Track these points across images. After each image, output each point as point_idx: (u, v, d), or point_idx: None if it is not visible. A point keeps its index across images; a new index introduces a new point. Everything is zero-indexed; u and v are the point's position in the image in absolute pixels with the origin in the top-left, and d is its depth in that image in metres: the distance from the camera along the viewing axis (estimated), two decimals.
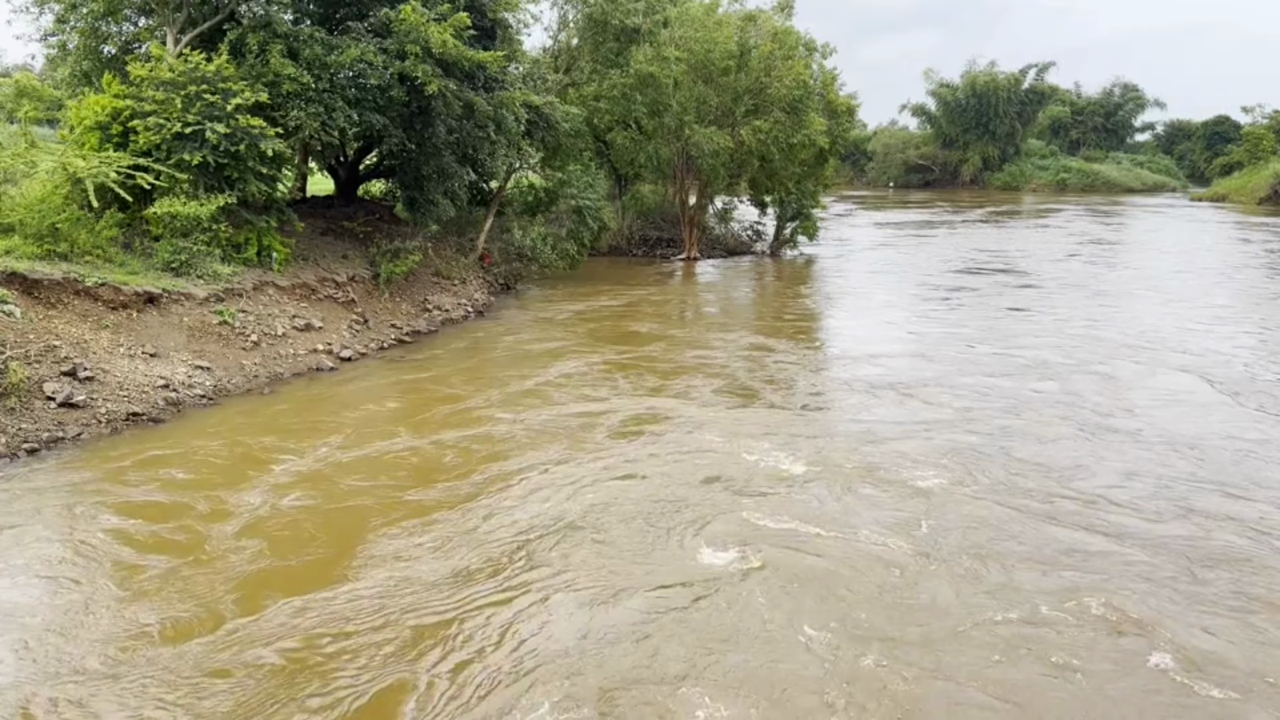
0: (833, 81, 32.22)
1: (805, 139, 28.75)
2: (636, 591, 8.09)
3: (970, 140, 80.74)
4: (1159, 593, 8.10)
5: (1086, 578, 8.32)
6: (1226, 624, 7.62)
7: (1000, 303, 23.43)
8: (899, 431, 12.71)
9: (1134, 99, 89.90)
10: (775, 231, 34.07)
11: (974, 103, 79.68)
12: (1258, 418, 13.26)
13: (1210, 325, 20.35)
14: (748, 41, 29.18)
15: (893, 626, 7.52)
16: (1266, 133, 70.78)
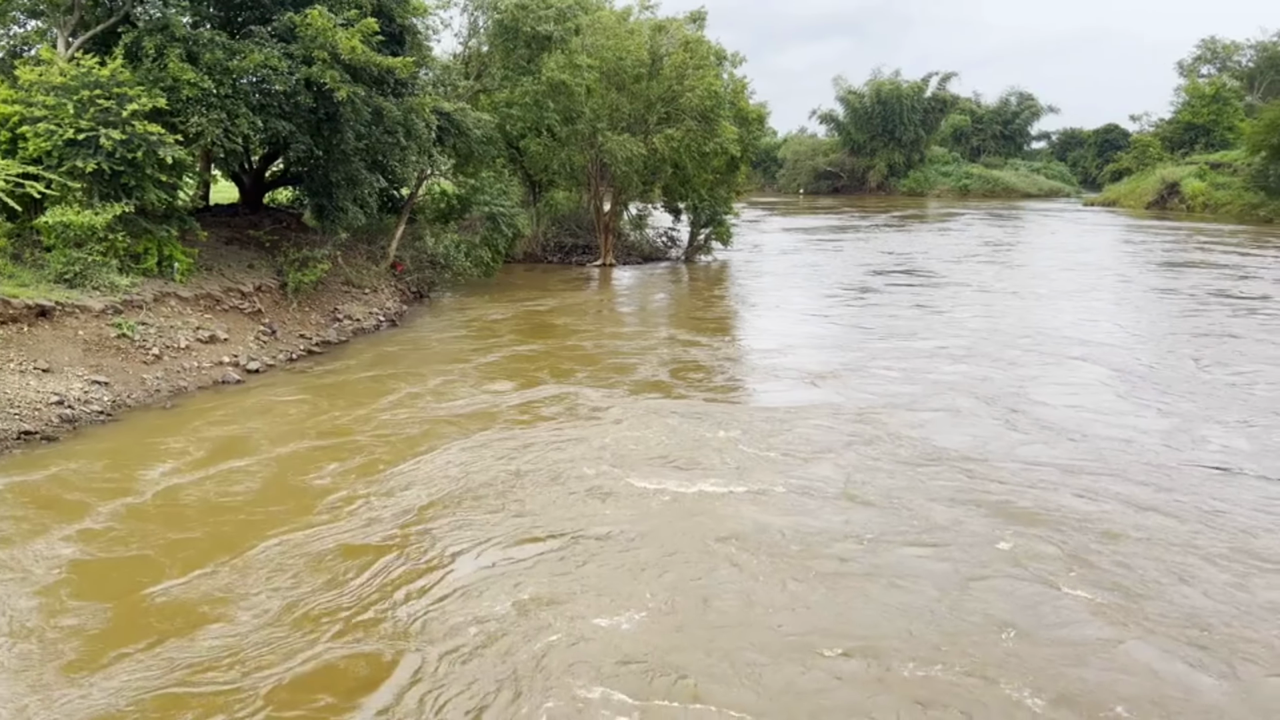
0: (743, 90, 32.69)
1: (717, 146, 29.07)
2: (559, 535, 8.27)
3: (877, 147, 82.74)
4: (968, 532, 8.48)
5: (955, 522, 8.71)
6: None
7: (905, 301, 24.21)
8: (810, 411, 13.63)
9: (1030, 107, 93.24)
10: (690, 237, 34.36)
11: (880, 110, 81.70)
12: (1136, 398, 14.28)
13: (1096, 319, 21.65)
14: (660, 50, 29.40)
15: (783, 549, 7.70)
16: (1153, 140, 74.14)
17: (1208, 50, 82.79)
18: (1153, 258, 34.92)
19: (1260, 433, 12.62)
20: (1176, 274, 30.06)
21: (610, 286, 28.14)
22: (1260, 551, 8.83)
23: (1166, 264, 32.86)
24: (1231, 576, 8.33)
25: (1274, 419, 13.28)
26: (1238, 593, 8.05)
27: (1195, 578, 8.34)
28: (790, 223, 52.83)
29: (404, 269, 23.19)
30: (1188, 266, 31.80)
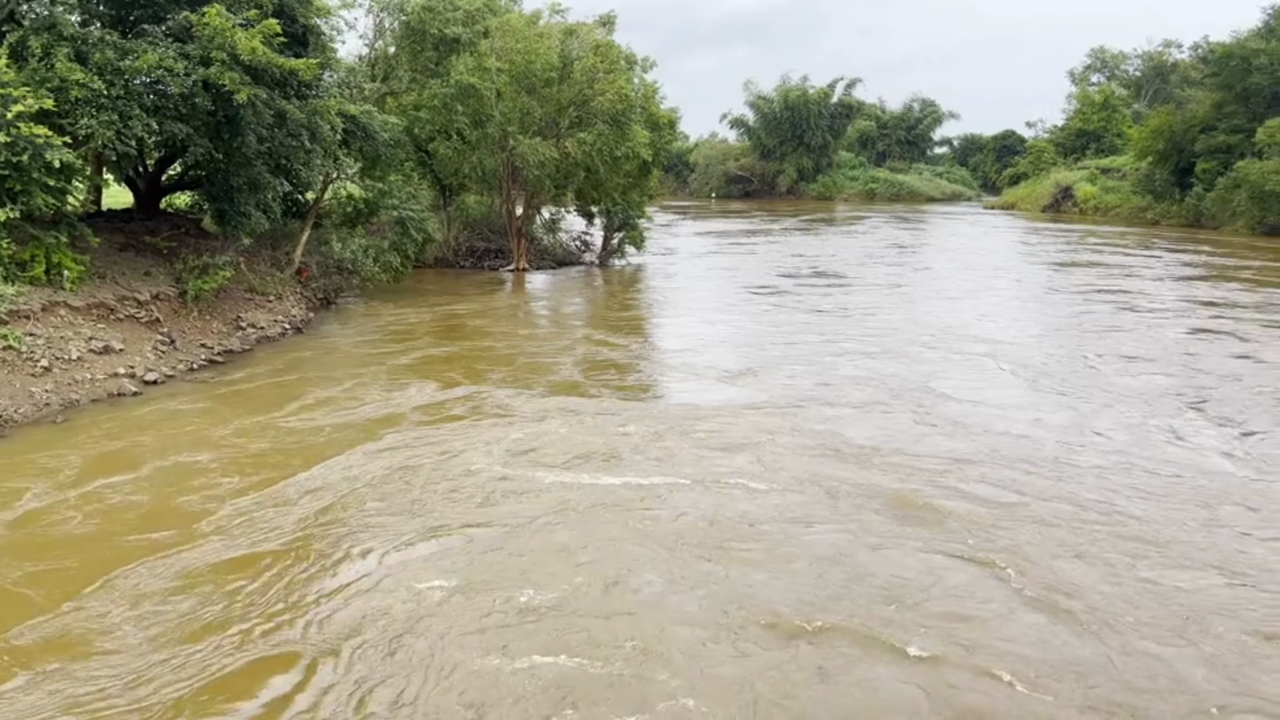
0: (654, 94, 32.83)
1: (629, 151, 29.14)
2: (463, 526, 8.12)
3: (786, 152, 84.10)
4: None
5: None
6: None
7: (816, 302, 24.70)
8: (725, 407, 14.00)
9: (932, 114, 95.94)
10: (603, 241, 34.38)
11: (788, 115, 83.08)
12: (1034, 392, 14.91)
13: (995, 317, 22.61)
14: (570, 54, 29.34)
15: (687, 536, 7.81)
16: (1048, 146, 77.07)
17: (1097, 60, 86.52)
18: (1048, 258, 36.50)
19: (1146, 424, 13.19)
20: (1069, 273, 31.49)
21: (524, 290, 28.01)
22: (1143, 535, 9.21)
23: (1060, 264, 34.37)
24: (1117, 556, 8.71)
25: (1159, 411, 13.89)
26: (1120, 571, 8.45)
27: (1083, 556, 8.76)
28: (703, 226, 53.32)
29: (310, 275, 22.66)
30: (1079, 266, 33.33)
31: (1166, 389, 15.27)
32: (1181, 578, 8.37)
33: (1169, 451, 11.98)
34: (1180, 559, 8.74)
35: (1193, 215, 49.32)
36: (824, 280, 29.41)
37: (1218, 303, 24.60)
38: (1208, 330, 20.63)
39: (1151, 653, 7.16)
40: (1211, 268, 32.24)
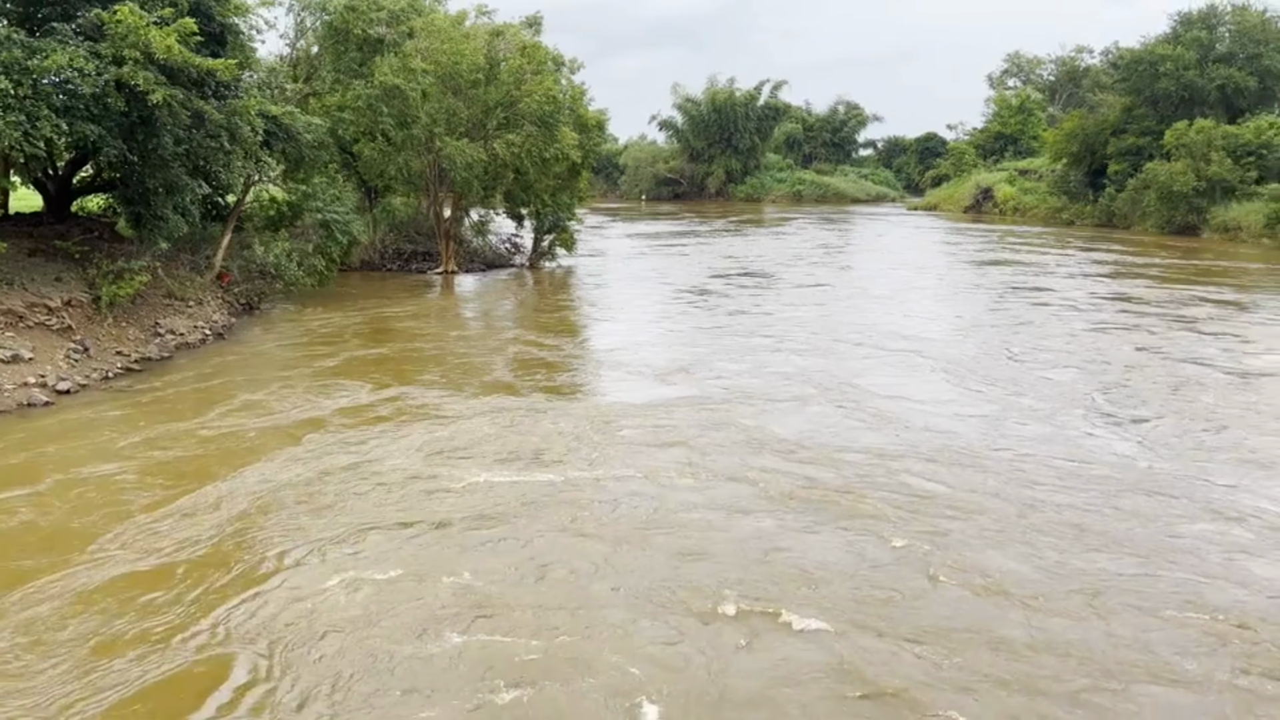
0: (582, 96, 32.82)
1: (558, 152, 29.09)
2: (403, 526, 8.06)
3: (715, 154, 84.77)
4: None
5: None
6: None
7: (746, 302, 25.04)
8: (656, 404, 14.20)
9: (856, 116, 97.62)
10: (533, 244, 34.27)
11: (716, 118, 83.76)
12: (957, 387, 15.40)
13: (919, 314, 23.23)
14: (496, 55, 29.19)
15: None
16: (968, 148, 79.04)
17: (1014, 64, 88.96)
18: (969, 257, 37.55)
19: (1058, 415, 13.65)
20: (988, 272, 32.43)
21: (453, 293, 27.80)
22: (1054, 521, 9.54)
23: (980, 263, 35.41)
24: (1030, 540, 9.05)
25: (1070, 403, 14.39)
26: (1032, 554, 8.81)
27: (998, 541, 9.11)
28: (633, 228, 53.50)
29: (231, 280, 22.17)
30: (998, 265, 34.38)
31: (1077, 381, 15.88)
32: (1089, 559, 8.73)
33: (1079, 441, 12.44)
34: (1088, 542, 9.11)
35: (1105, 215, 51.02)
36: (753, 280, 29.78)
37: (1124, 298, 25.62)
38: (1114, 325, 21.49)
39: (1056, 626, 7.52)
40: (1120, 265, 33.48)
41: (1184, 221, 44.80)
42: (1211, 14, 50.78)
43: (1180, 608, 7.81)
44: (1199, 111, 47.14)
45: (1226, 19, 50.57)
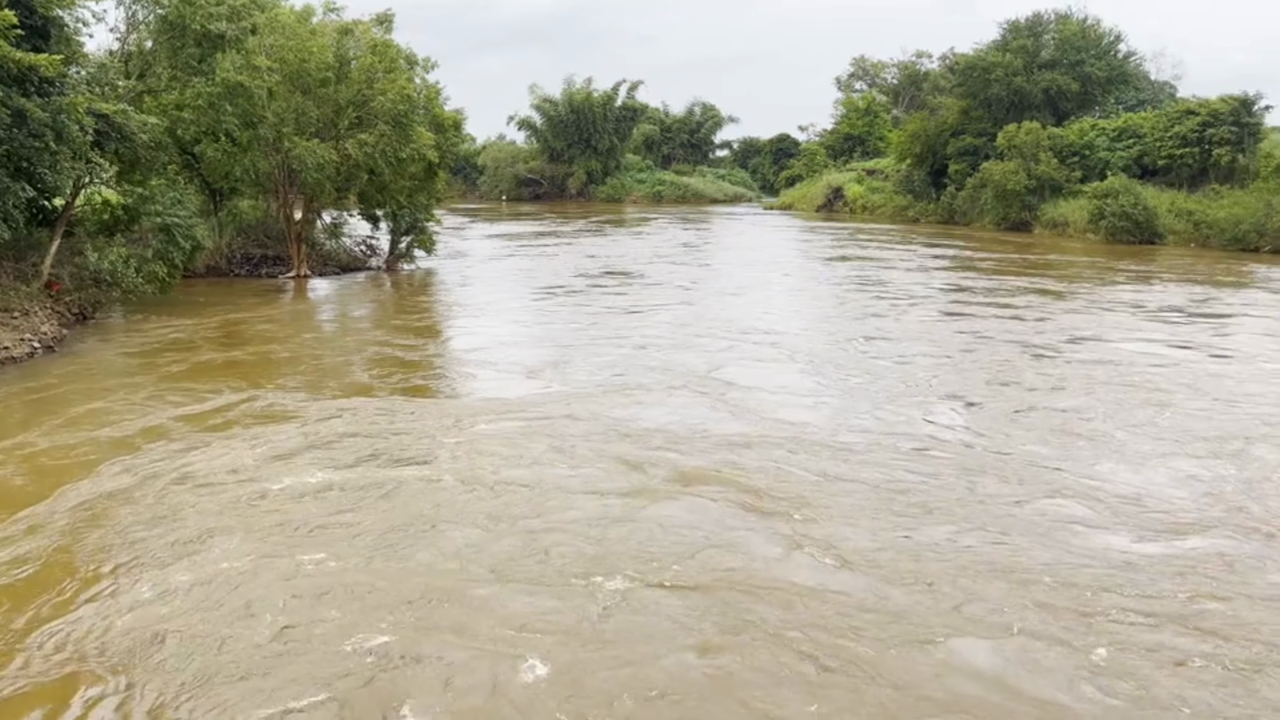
0: (438, 95, 32.31)
1: (414, 152, 28.57)
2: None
3: (575, 154, 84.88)
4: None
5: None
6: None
7: (609, 300, 25.25)
8: (521, 400, 14.26)
9: (713, 118, 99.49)
10: (390, 246, 33.51)
11: (574, 118, 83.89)
12: (807, 373, 16.01)
13: (773, 308, 24.01)
14: (346, 53, 28.42)
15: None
16: (819, 149, 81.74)
17: (859, 68, 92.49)
18: (821, 254, 39.03)
19: (900, 400, 14.33)
20: (839, 267, 33.82)
21: (306, 297, 26.93)
22: (898, 499, 10.02)
23: (832, 259, 36.89)
24: (877, 516, 9.51)
25: (911, 389, 15.14)
26: (879, 528, 9.23)
27: (847, 517, 9.57)
28: (494, 229, 53.05)
29: (61, 288, 20.82)
30: (848, 260, 35.89)
31: (917, 367, 16.75)
32: (930, 532, 9.25)
33: (922, 424, 13.10)
34: (930, 517, 9.63)
35: (947, 213, 53.69)
36: (616, 279, 30.03)
37: (959, 289, 27.19)
38: (952, 314, 22.80)
39: (890, 592, 8.02)
40: (958, 259, 35.41)
41: (1018, 218, 47.59)
42: (1037, 22, 54.08)
43: (1003, 572, 8.36)
44: (1028, 114, 50.10)
45: (1050, 28, 53.95)
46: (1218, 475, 10.91)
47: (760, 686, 6.64)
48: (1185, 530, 9.30)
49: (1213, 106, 42.41)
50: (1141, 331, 20.38)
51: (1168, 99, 57.58)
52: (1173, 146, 42.79)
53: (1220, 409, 13.80)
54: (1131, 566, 8.44)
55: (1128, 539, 9.08)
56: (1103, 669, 6.82)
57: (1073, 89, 51.93)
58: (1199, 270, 31.54)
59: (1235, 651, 7.02)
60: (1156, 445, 12.13)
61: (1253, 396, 14.52)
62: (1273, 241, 36.49)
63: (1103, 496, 10.17)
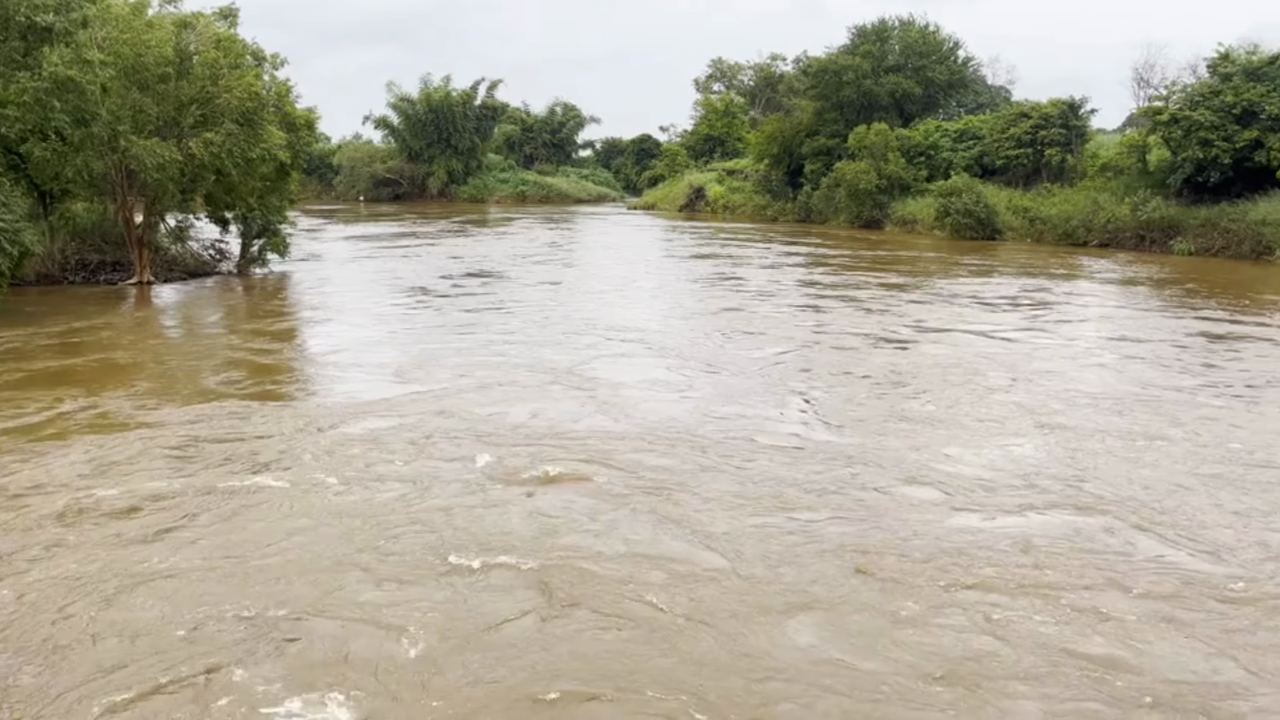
0: (288, 93, 31.25)
1: (264, 152, 27.53)
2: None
3: (435, 154, 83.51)
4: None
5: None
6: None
7: (474, 300, 25.02)
8: (383, 402, 14.08)
9: (574, 118, 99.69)
10: (241, 249, 32.19)
11: (433, 117, 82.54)
12: (676, 364, 16.25)
13: (638, 305, 24.36)
14: (188, 47, 27.14)
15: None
16: (680, 149, 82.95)
17: (717, 70, 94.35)
18: (684, 253, 39.78)
19: (755, 393, 14.77)
20: (701, 265, 34.49)
21: (151, 303, 25.60)
22: (756, 488, 10.32)
23: (694, 257, 37.65)
24: (735, 504, 9.75)
25: (767, 381, 15.62)
26: (738, 517, 9.44)
27: (707, 502, 9.80)
28: (352, 231, 51.68)
29: None
30: (709, 258, 36.67)
31: (773, 361, 17.26)
32: (784, 517, 9.59)
33: (775, 416, 13.52)
34: (785, 503, 9.97)
35: (804, 211, 55.36)
36: (481, 280, 29.78)
37: (813, 284, 28.21)
38: (804, 308, 23.62)
39: (750, 570, 8.35)
40: (813, 256, 36.66)
41: (870, 216, 49.50)
42: (882, 28, 56.37)
43: (847, 551, 8.80)
44: (877, 116, 52.17)
45: (895, 33, 56.34)
46: (1050, 454, 11.66)
47: (602, 649, 7.08)
48: (1022, 508, 9.90)
49: (1043, 110, 45.13)
50: (980, 321, 21.58)
51: (1004, 102, 60.92)
52: (1009, 147, 45.32)
53: (1045, 390, 14.80)
54: (969, 542, 8.94)
55: (970, 517, 9.62)
56: (920, 628, 7.32)
57: (917, 92, 54.40)
58: (1034, 264, 33.56)
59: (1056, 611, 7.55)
60: (994, 426, 12.90)
61: (1060, 374, 15.72)
62: (1099, 236, 39.13)
63: (948, 478, 10.73)
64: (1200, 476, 10.78)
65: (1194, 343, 19.07)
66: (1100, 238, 39.04)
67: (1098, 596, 7.84)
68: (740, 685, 6.55)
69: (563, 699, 6.43)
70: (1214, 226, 35.20)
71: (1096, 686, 6.55)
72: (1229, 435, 12.40)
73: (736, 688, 6.52)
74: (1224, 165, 35.39)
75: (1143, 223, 37.58)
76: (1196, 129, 35.70)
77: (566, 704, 6.39)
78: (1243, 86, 35.59)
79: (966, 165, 47.36)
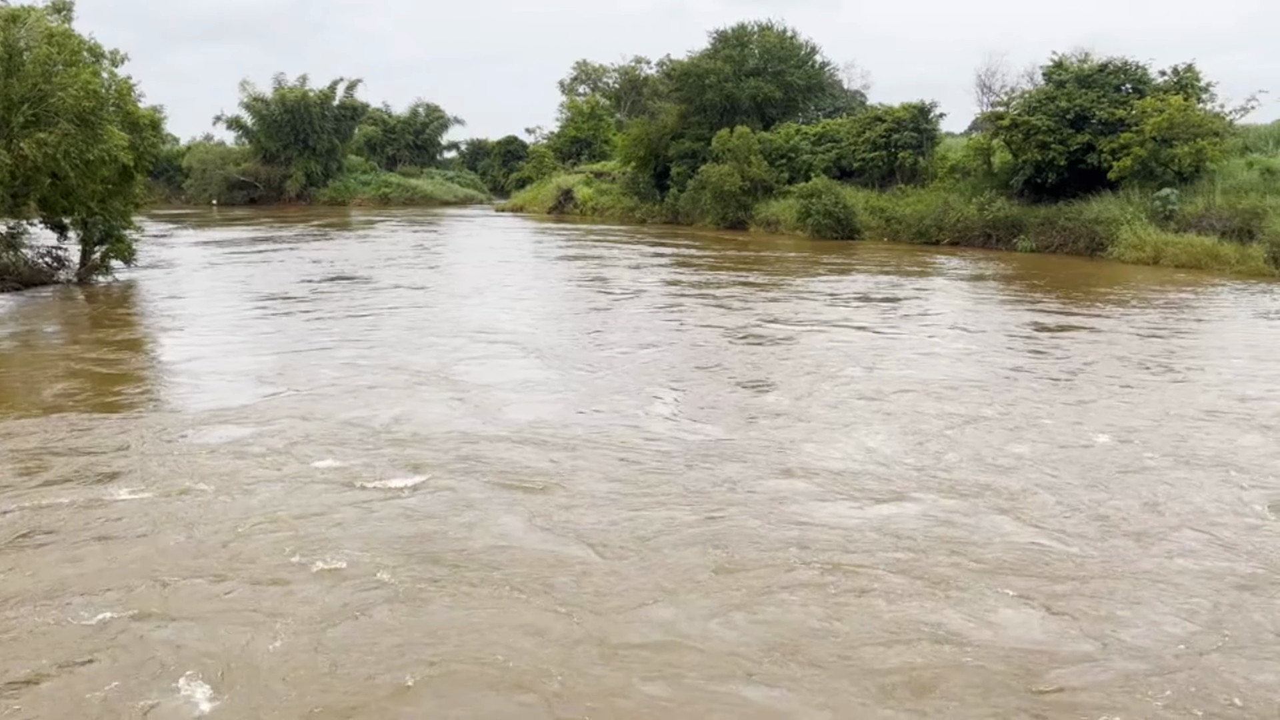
0: (130, 91, 29.65)
1: (104, 154, 26.07)
2: None
3: (292, 155, 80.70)
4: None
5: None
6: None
7: (339, 305, 24.38)
8: (244, 408, 13.65)
9: (438, 119, 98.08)
10: (82, 257, 30.35)
11: (289, 118, 79.70)
12: (544, 364, 16.15)
13: (507, 307, 24.16)
14: (17, 43, 25.48)
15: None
16: (547, 151, 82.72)
17: (582, 72, 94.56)
18: (553, 254, 39.80)
19: (620, 393, 14.92)
20: (570, 267, 34.60)
21: None
22: (618, 487, 10.46)
23: (563, 258, 37.69)
24: (601, 502, 9.85)
25: (632, 381, 15.79)
26: (604, 512, 9.54)
27: (573, 501, 9.79)
28: (204, 236, 49.51)
29: None
30: (578, 260, 36.79)
31: (639, 359, 17.45)
32: (652, 513, 9.72)
33: (641, 414, 13.66)
34: (653, 499, 10.11)
35: (672, 213, 56.06)
36: (345, 284, 29.00)
37: (679, 284, 28.69)
38: (669, 307, 23.95)
39: (613, 565, 8.46)
40: (679, 257, 37.25)
41: (735, 217, 50.52)
42: (742, 32, 57.62)
43: (699, 541, 9.02)
44: (740, 119, 53.29)
45: (754, 38, 57.69)
46: (902, 443, 12.21)
47: (463, 634, 7.26)
48: (884, 496, 10.33)
49: (896, 114, 47.03)
50: (836, 317, 22.34)
51: (859, 106, 63.17)
52: (865, 150, 47.05)
53: (896, 381, 15.50)
54: (824, 528, 9.32)
55: (833, 507, 9.99)
56: (768, 608, 7.61)
57: (777, 96, 55.83)
58: (889, 262, 34.98)
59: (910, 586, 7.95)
60: (848, 416, 13.43)
61: (909, 364, 16.52)
62: (950, 235, 41.03)
63: (806, 469, 11.11)
64: (1031, 458, 11.50)
65: (1026, 333, 20.33)
66: (951, 236, 40.94)
67: (947, 571, 8.28)
68: (596, 660, 6.89)
69: (419, 683, 6.59)
70: (1052, 225, 37.42)
71: (939, 654, 6.99)
72: (1041, 414, 13.32)
73: (593, 663, 6.85)
74: (1060, 167, 37.73)
75: (989, 222, 39.63)
76: (1035, 133, 37.92)
77: (424, 687, 6.56)
78: (1075, 93, 38.02)
79: (825, 167, 48.87)
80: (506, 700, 6.42)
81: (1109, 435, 12.43)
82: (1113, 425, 12.88)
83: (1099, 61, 39.55)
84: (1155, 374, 16.19)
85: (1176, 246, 32.03)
